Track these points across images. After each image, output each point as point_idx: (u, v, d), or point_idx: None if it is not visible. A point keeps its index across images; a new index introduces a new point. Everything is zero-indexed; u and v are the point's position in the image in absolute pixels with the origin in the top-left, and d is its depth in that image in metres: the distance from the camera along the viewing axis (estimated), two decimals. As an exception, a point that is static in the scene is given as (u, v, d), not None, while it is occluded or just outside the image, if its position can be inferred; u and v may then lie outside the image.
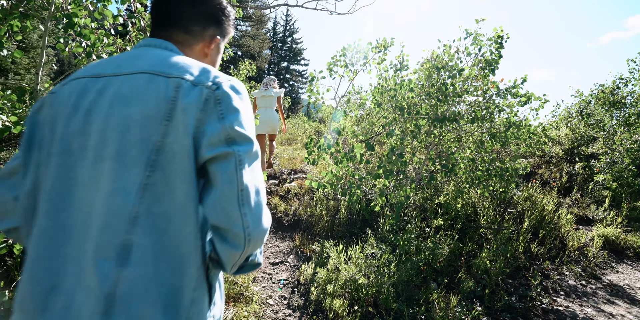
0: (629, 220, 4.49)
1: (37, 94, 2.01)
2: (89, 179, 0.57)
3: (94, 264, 0.53)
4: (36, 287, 0.55)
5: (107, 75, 0.63)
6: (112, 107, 0.59)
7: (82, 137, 0.59)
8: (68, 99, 0.62)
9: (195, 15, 0.73)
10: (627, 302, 2.80)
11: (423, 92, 3.39)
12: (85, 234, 0.55)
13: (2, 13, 1.73)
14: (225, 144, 0.59)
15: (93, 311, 0.52)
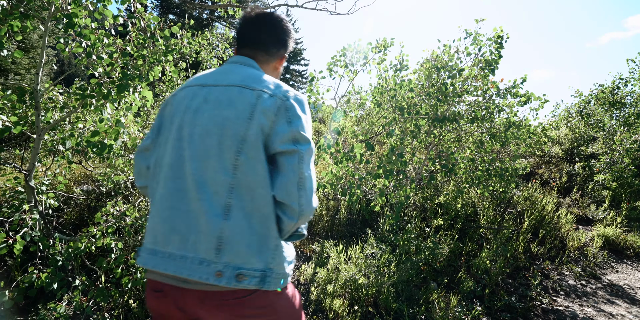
0: (628, 220, 4.49)
1: (37, 94, 2.01)
2: (197, 157, 0.81)
3: (205, 217, 0.77)
4: (162, 226, 0.82)
5: (209, 85, 0.88)
6: (215, 109, 0.83)
7: (190, 128, 0.83)
8: (182, 100, 0.88)
9: (273, 41, 0.98)
10: (627, 302, 2.81)
11: (423, 92, 3.39)
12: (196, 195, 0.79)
13: (2, 13, 1.73)
14: (291, 143, 0.82)
15: (208, 247, 0.77)
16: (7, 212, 2.08)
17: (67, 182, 3.28)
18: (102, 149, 1.96)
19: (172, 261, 0.79)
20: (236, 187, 0.79)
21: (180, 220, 0.80)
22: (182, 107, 0.87)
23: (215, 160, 0.80)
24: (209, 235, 0.77)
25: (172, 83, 4.91)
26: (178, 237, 0.79)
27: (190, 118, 0.84)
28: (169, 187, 0.83)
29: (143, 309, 2.04)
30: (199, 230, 0.78)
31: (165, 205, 0.82)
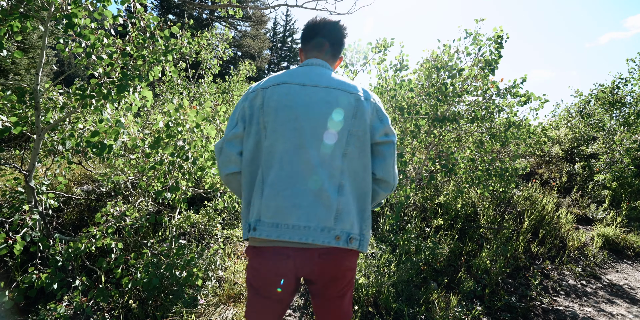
0: (628, 219, 4.49)
1: (37, 95, 2.01)
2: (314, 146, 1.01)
3: (328, 193, 0.99)
4: (284, 203, 0.98)
5: (309, 86, 1.06)
6: (327, 107, 1.03)
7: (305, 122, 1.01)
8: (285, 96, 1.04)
9: (338, 47, 1.20)
10: (627, 302, 2.81)
11: (423, 92, 3.39)
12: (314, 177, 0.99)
13: (2, 13, 1.73)
14: (385, 135, 1.10)
15: (329, 217, 0.98)
16: (7, 212, 2.08)
17: (67, 183, 3.28)
18: (102, 149, 1.96)
19: (296, 231, 0.97)
20: (345, 170, 1.03)
21: (302, 197, 0.98)
22: (289, 102, 1.03)
23: (331, 150, 1.02)
24: (329, 208, 0.99)
25: (172, 83, 4.90)
26: (300, 211, 0.98)
27: (304, 113, 1.02)
28: (286, 170, 1.00)
29: (143, 309, 2.04)
30: (321, 204, 0.99)
31: (284, 186, 0.99)
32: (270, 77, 1.10)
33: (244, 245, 3.15)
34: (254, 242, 1.04)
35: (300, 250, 0.99)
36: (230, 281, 2.30)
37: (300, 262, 0.99)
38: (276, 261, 1.00)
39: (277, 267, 1.00)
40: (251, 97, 1.08)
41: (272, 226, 0.99)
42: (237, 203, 2.77)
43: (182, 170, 2.28)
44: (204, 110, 2.17)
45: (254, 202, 1.03)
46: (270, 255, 1.01)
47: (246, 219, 1.06)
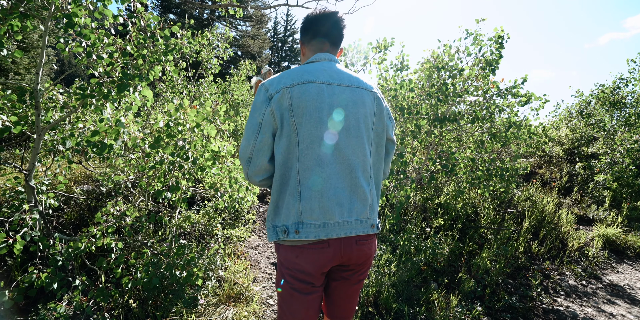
0: (629, 220, 4.49)
1: (37, 94, 2.01)
2: (350, 146, 1.06)
3: (363, 188, 1.07)
4: (329, 203, 1.02)
5: (335, 84, 1.07)
6: (355, 107, 1.08)
7: (338, 123, 1.04)
8: (312, 96, 1.03)
9: (340, 38, 1.20)
10: (627, 302, 2.80)
11: (423, 92, 3.38)
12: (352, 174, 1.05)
13: (2, 13, 1.73)
14: (392, 133, 1.24)
15: (365, 209, 1.08)
16: (7, 211, 2.08)
17: (67, 182, 3.28)
18: (102, 149, 1.95)
19: (340, 227, 1.04)
20: (371, 164, 1.13)
21: (344, 195, 1.04)
22: (320, 103, 1.03)
23: (362, 146, 1.08)
24: (365, 201, 1.08)
25: (172, 83, 4.90)
26: (343, 209, 1.04)
27: (337, 114, 1.05)
28: (327, 171, 1.03)
29: (143, 309, 2.04)
30: (358, 199, 1.07)
31: (326, 186, 1.02)
32: (289, 74, 1.06)
33: (244, 245, 3.15)
34: (291, 242, 1.05)
35: (339, 240, 1.05)
36: (231, 281, 2.30)
37: (340, 249, 1.06)
38: (319, 251, 1.04)
39: (319, 257, 1.04)
40: (277, 98, 1.02)
41: (319, 227, 1.01)
42: (238, 203, 2.77)
43: (182, 169, 2.27)
44: (205, 110, 2.17)
45: (287, 205, 1.03)
46: (311, 248, 1.04)
47: (276, 221, 1.06)
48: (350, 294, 1.20)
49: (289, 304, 1.10)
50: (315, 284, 1.08)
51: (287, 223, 1.03)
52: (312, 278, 1.07)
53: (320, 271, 1.06)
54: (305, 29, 1.19)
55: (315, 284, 1.08)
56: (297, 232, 1.01)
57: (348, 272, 1.14)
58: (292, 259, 1.05)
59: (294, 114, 1.01)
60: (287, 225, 1.03)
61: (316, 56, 1.15)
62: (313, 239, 1.01)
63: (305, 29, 1.18)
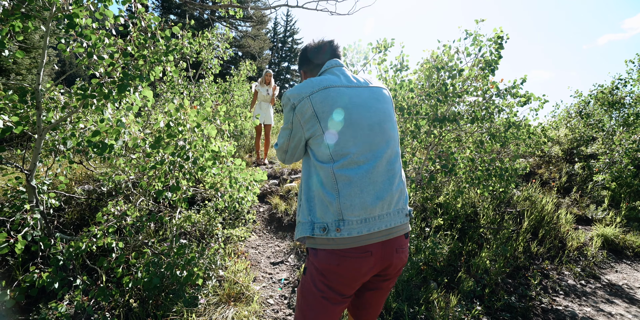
0: (628, 220, 4.50)
1: (38, 94, 2.02)
2: (384, 141, 1.10)
3: (398, 179, 1.12)
4: (369, 198, 1.04)
5: (354, 86, 1.13)
6: (378, 103, 1.14)
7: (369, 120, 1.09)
8: (338, 97, 1.07)
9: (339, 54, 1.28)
10: (626, 302, 2.81)
11: (423, 92, 3.39)
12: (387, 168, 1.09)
13: (4, 13, 1.74)
14: None
15: (400, 200, 1.12)
16: (8, 211, 2.09)
17: (68, 182, 3.29)
18: (103, 149, 1.96)
19: (380, 220, 1.05)
20: (400, 156, 1.17)
21: (382, 189, 1.06)
22: (344, 104, 1.07)
23: (393, 140, 1.14)
24: (402, 192, 1.13)
25: (173, 83, 4.91)
26: (382, 202, 1.06)
27: (365, 112, 1.09)
28: (364, 167, 1.05)
29: (144, 309, 2.04)
30: (395, 190, 1.10)
31: (365, 182, 1.04)
32: (308, 83, 1.11)
33: (244, 245, 3.16)
34: (330, 244, 1.03)
35: (381, 244, 1.06)
36: (231, 280, 2.31)
37: (382, 257, 1.06)
38: (361, 259, 1.03)
39: (361, 266, 1.03)
40: (299, 108, 1.08)
41: (362, 222, 1.03)
42: (238, 203, 2.78)
43: (182, 169, 2.28)
44: (205, 110, 2.18)
45: (324, 203, 1.04)
46: (354, 256, 1.02)
47: (315, 218, 1.06)
48: (380, 301, 1.23)
49: (315, 311, 1.08)
50: (347, 294, 1.08)
51: (327, 221, 1.02)
52: (348, 289, 1.06)
53: (360, 281, 1.06)
54: (305, 58, 1.27)
55: (346, 294, 1.08)
56: (338, 230, 1.00)
57: (385, 282, 1.16)
58: (333, 267, 1.03)
59: (319, 119, 1.06)
60: (327, 223, 1.02)
61: (326, 64, 1.21)
62: (356, 235, 1.01)
63: (305, 57, 1.27)
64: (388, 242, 1.07)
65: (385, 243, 1.06)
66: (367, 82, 1.17)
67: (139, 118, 3.79)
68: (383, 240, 1.06)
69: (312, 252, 1.08)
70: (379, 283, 1.16)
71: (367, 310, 1.24)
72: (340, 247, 1.02)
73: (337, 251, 1.02)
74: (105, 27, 2.10)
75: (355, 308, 1.27)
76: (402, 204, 1.13)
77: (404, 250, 1.12)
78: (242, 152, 6.19)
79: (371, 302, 1.22)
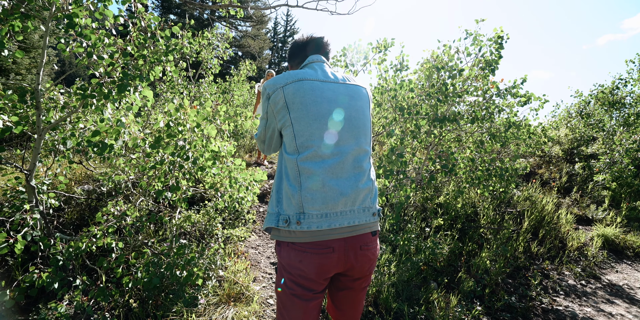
0: (628, 220, 4.50)
1: (38, 94, 2.02)
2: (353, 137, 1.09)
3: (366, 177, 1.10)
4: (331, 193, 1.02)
5: (329, 81, 1.12)
6: (352, 100, 1.12)
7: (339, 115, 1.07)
8: (310, 91, 1.06)
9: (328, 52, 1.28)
10: (626, 302, 2.81)
11: (423, 92, 3.39)
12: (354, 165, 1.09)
13: (3, 13, 1.74)
14: None
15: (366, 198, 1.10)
16: (8, 211, 2.09)
17: (68, 182, 3.29)
18: (103, 149, 1.96)
19: (342, 217, 1.03)
20: (370, 154, 1.15)
21: (346, 185, 1.04)
22: (317, 97, 1.06)
23: (363, 138, 1.12)
24: (368, 190, 1.09)
25: (173, 83, 4.91)
26: (345, 198, 1.03)
27: (334, 107, 1.07)
28: (329, 162, 1.04)
29: (144, 309, 2.04)
30: (361, 188, 1.07)
31: (329, 177, 1.03)
32: (285, 75, 1.11)
33: (244, 245, 3.15)
34: (292, 237, 1.04)
35: (344, 241, 1.05)
36: (231, 281, 2.31)
37: (345, 255, 1.04)
38: (323, 255, 1.02)
39: (323, 262, 1.02)
40: (273, 97, 1.09)
41: (322, 217, 1.01)
42: (238, 203, 2.77)
43: (182, 169, 2.28)
44: (205, 110, 2.17)
45: (287, 195, 1.05)
46: (316, 252, 1.02)
47: (280, 210, 1.07)
48: (356, 301, 1.21)
49: (288, 309, 1.09)
50: (317, 290, 1.07)
51: (289, 213, 1.03)
52: (314, 284, 1.05)
53: (323, 277, 1.05)
54: (293, 53, 1.28)
55: (316, 290, 1.07)
56: (298, 223, 1.00)
57: (356, 281, 1.15)
58: (295, 263, 1.03)
59: (289, 110, 1.06)
60: (289, 216, 1.02)
61: (308, 59, 1.21)
62: (315, 229, 1.00)
63: (293, 53, 1.28)
64: (351, 238, 1.05)
65: (348, 240, 1.05)
66: (345, 79, 1.16)
67: (138, 118, 3.78)
68: (345, 237, 1.05)
69: (278, 248, 1.10)
70: (348, 283, 1.15)
71: (343, 311, 1.23)
72: (300, 241, 1.02)
73: (298, 246, 1.03)
74: (105, 27, 2.10)
75: (332, 309, 1.26)
76: (369, 202, 1.10)
77: (370, 248, 1.10)
78: (242, 152, 6.19)
79: (344, 302, 1.20)
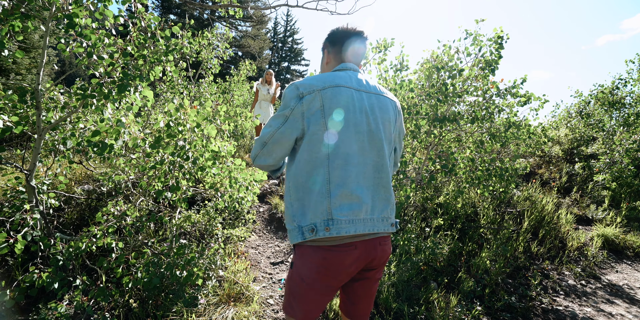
0: (628, 220, 4.50)
1: (38, 94, 2.02)
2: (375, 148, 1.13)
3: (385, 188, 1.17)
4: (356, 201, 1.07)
5: (362, 91, 1.15)
6: (380, 112, 1.16)
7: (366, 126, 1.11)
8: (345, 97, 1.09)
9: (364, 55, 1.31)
10: (626, 302, 2.81)
11: (423, 92, 3.39)
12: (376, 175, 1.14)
13: (3, 13, 1.74)
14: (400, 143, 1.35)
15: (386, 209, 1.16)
16: (8, 211, 2.09)
17: (68, 182, 3.29)
18: (103, 149, 1.96)
19: (364, 224, 1.08)
20: (390, 167, 1.19)
21: (368, 194, 1.10)
22: (349, 105, 1.09)
23: (385, 150, 1.15)
24: (387, 201, 1.15)
25: (173, 83, 4.91)
26: (366, 206, 1.08)
27: (364, 117, 1.11)
28: (355, 170, 1.08)
29: (144, 309, 2.04)
30: (380, 198, 1.13)
31: (356, 185, 1.07)
32: (321, 78, 1.12)
33: (244, 245, 3.15)
34: (317, 242, 1.07)
35: (365, 242, 1.10)
36: (231, 281, 2.31)
37: (365, 251, 1.09)
38: (345, 253, 1.07)
39: (345, 259, 1.07)
40: (309, 99, 1.07)
41: (349, 223, 1.05)
42: (238, 203, 2.77)
43: (182, 169, 2.28)
44: (205, 110, 2.17)
45: (315, 203, 1.06)
46: (340, 250, 1.07)
47: (302, 221, 1.08)
48: (370, 293, 1.24)
49: (302, 302, 1.12)
50: (336, 286, 1.11)
51: (315, 221, 1.04)
52: (335, 281, 1.09)
53: (346, 273, 1.08)
54: (334, 41, 1.25)
55: (335, 286, 1.11)
56: (327, 229, 1.02)
57: (371, 271, 1.19)
58: (319, 261, 1.06)
59: (324, 114, 1.06)
60: (315, 224, 1.04)
61: (343, 65, 1.22)
62: (345, 235, 1.04)
63: (334, 40, 1.24)
64: (371, 240, 1.12)
65: (368, 240, 1.11)
66: (378, 89, 1.20)
67: (138, 118, 3.78)
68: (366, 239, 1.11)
69: (299, 249, 1.12)
70: (364, 273, 1.19)
71: (356, 305, 1.24)
72: (327, 244, 1.06)
73: (324, 246, 1.06)
74: (105, 27, 2.10)
75: (345, 304, 1.28)
76: (387, 212, 1.15)
77: (387, 243, 1.18)
78: (242, 152, 6.19)
79: (359, 294, 1.23)
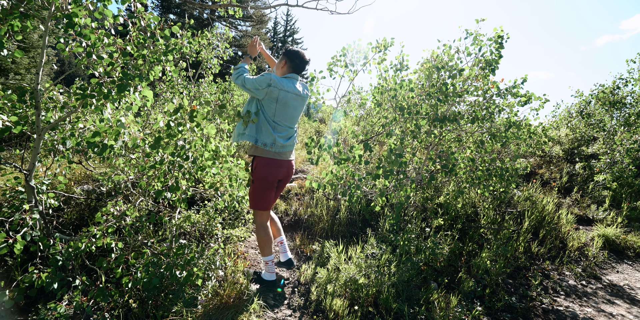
0: (629, 220, 4.49)
1: (37, 94, 2.01)
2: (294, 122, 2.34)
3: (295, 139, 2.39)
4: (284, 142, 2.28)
5: (296, 93, 2.25)
6: (300, 106, 2.34)
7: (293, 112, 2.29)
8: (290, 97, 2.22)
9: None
10: (627, 302, 2.80)
11: (423, 92, 3.38)
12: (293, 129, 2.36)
13: (2, 13, 1.73)
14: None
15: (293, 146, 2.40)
16: (7, 211, 2.08)
17: (68, 182, 3.28)
18: (103, 149, 1.95)
19: (284, 151, 2.27)
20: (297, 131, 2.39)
21: (290, 139, 2.29)
22: (289, 102, 2.21)
23: (297, 118, 2.33)
24: (293, 141, 2.34)
25: (172, 83, 4.90)
26: (287, 146, 2.28)
27: (294, 110, 2.26)
28: (287, 127, 2.26)
29: (143, 309, 2.04)
30: (292, 140, 2.32)
31: (285, 134, 2.26)
32: (284, 81, 2.19)
33: (244, 245, 3.15)
34: (268, 154, 2.20)
35: (286, 162, 2.30)
36: (230, 281, 2.30)
37: (287, 167, 2.32)
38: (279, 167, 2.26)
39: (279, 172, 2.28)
40: (273, 90, 2.13)
41: (280, 148, 2.23)
42: (238, 202, 2.77)
43: (182, 169, 2.27)
44: (205, 110, 2.17)
45: (267, 133, 2.18)
46: (276, 166, 2.25)
47: (260, 138, 2.18)
48: (279, 193, 2.48)
49: (263, 195, 2.29)
50: (274, 185, 2.30)
51: (266, 141, 2.17)
52: (274, 182, 2.28)
53: (278, 178, 2.29)
54: (293, 59, 2.27)
55: (274, 184, 2.29)
56: (272, 147, 2.18)
57: (282, 182, 2.39)
58: (267, 169, 2.21)
59: (277, 102, 2.16)
60: (267, 142, 2.17)
61: (293, 75, 2.29)
62: (278, 151, 2.22)
63: (294, 59, 2.27)
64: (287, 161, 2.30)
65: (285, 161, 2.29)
66: (303, 93, 2.29)
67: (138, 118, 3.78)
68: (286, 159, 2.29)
69: (255, 163, 2.25)
70: (279, 183, 2.39)
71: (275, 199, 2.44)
72: (270, 156, 2.20)
73: (268, 161, 2.21)
74: (105, 27, 2.09)
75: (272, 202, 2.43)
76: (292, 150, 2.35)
77: (292, 166, 2.37)
78: (242, 152, 6.18)
79: (277, 194, 2.44)
